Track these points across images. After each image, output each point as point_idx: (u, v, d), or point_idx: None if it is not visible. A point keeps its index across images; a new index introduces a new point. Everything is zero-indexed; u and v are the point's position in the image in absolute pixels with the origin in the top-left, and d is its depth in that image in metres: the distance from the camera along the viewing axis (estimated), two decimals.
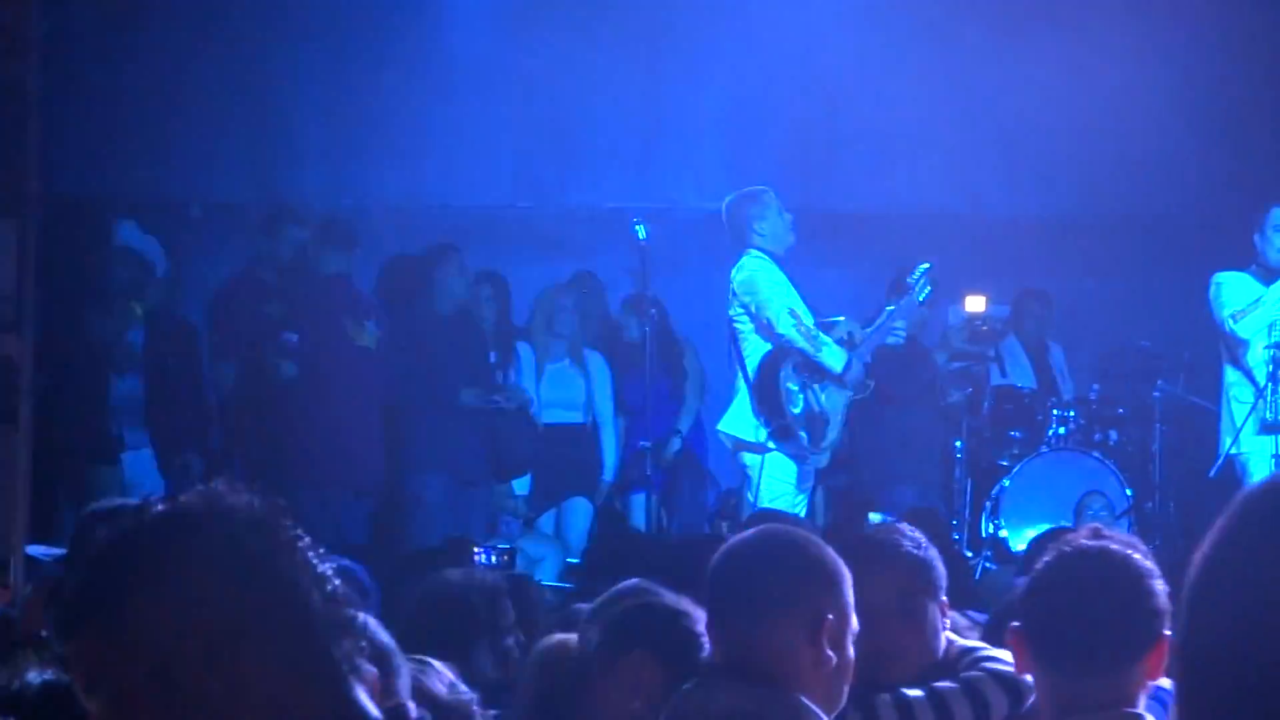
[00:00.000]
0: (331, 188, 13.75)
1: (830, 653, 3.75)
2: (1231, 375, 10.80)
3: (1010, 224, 13.83)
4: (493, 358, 11.96)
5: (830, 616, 3.78)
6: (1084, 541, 3.75)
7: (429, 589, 5.94)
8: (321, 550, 2.25)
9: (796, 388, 10.46)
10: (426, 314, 11.68)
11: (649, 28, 14.22)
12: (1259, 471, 10.35)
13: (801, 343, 10.40)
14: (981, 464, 12.58)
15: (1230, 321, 10.56)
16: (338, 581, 2.25)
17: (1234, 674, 1.70)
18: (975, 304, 12.57)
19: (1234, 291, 10.58)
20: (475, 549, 9.25)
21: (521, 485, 12.14)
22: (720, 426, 10.83)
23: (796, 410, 10.44)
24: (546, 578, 10.85)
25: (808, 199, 13.82)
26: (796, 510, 10.30)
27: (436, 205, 14.03)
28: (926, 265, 10.98)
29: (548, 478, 12.19)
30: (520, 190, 14.55)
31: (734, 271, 10.57)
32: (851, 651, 3.81)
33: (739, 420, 10.59)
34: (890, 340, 10.96)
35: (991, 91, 13.68)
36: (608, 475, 12.30)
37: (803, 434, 10.44)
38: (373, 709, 2.27)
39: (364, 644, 2.28)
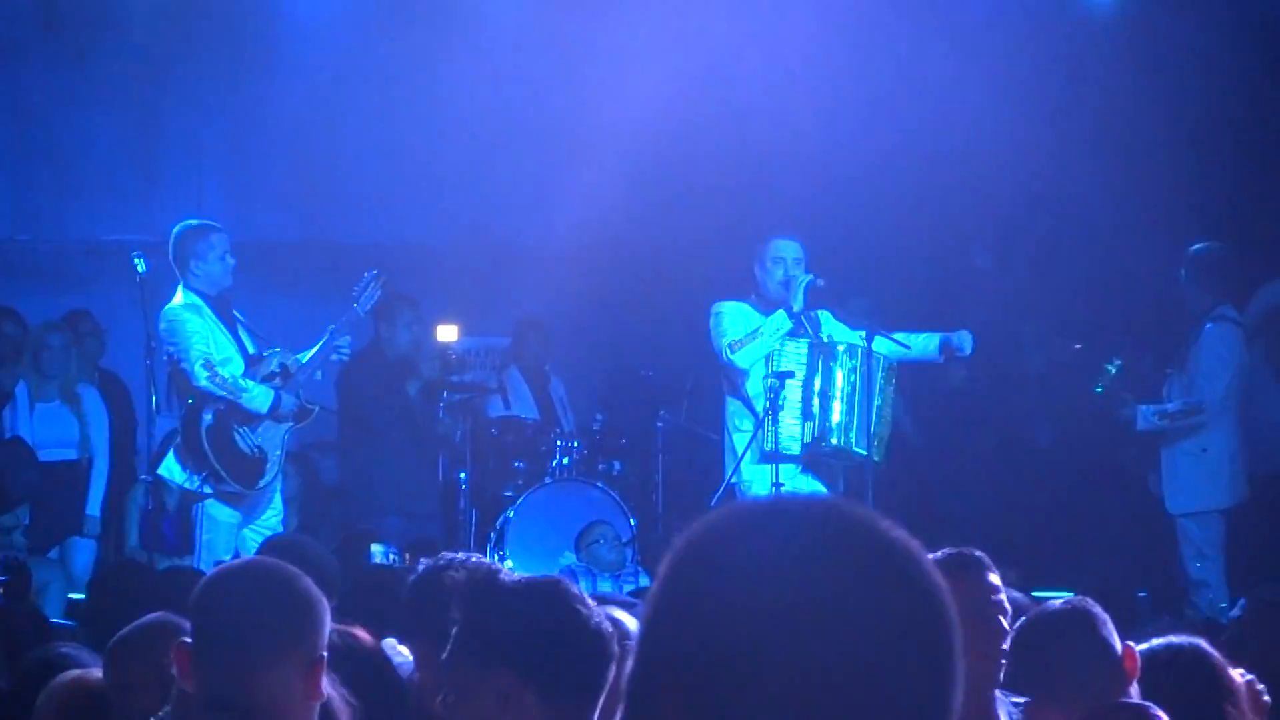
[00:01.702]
0: None
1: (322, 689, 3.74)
2: (732, 405, 10.95)
3: (507, 253, 13.97)
4: None
5: (323, 654, 3.74)
6: None
7: None
8: None
9: (227, 433, 10.64)
10: None
11: (147, 52, 14.02)
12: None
13: (219, 392, 10.59)
14: (486, 495, 12.57)
15: (729, 351, 10.72)
16: None
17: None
18: (447, 333, 12.58)
19: (734, 321, 10.73)
20: None
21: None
22: (160, 473, 10.91)
23: (233, 452, 10.62)
24: (52, 606, 10.62)
25: (308, 231, 13.82)
26: (251, 542, 10.53)
27: None
28: (374, 272, 11.08)
29: (46, 515, 11.95)
30: (20, 223, 14.20)
31: (162, 313, 10.67)
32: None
33: (172, 468, 10.80)
34: (335, 358, 10.99)
35: (491, 124, 13.87)
36: (94, 510, 12.02)
37: (230, 478, 10.62)
38: None
39: None
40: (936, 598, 1.81)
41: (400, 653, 5.52)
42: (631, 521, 12.36)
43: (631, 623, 4.45)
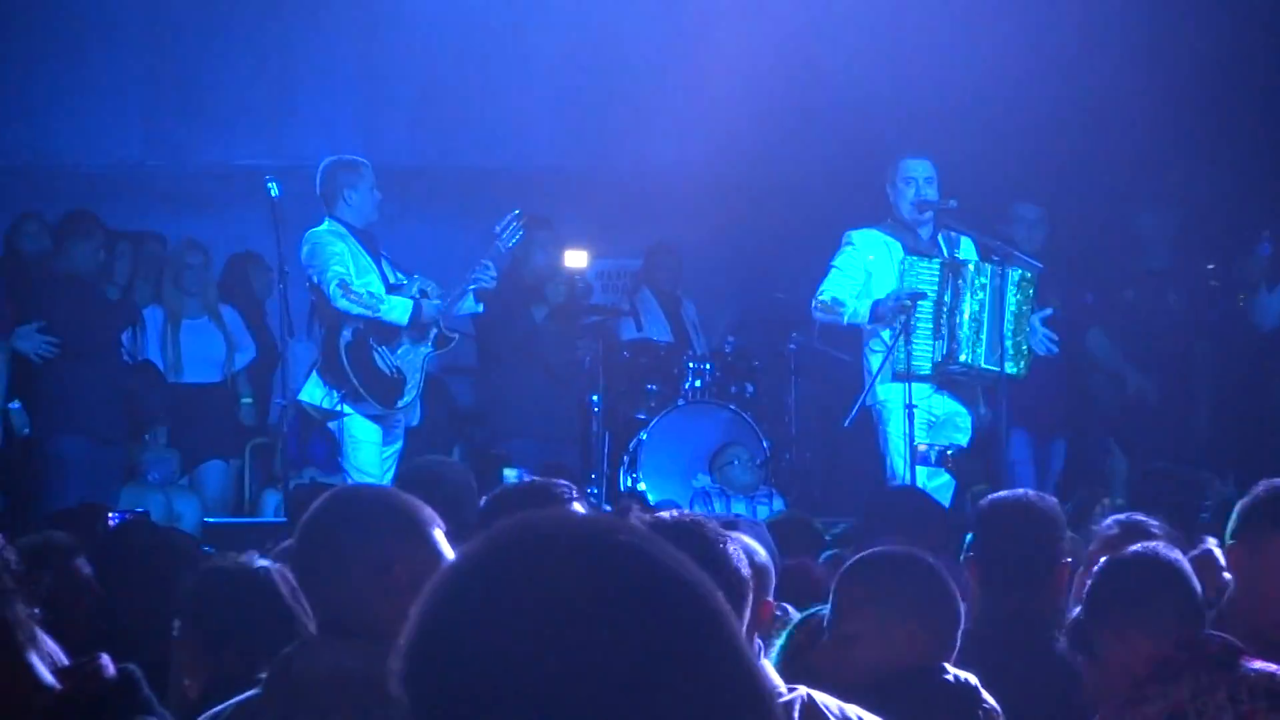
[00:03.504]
0: None
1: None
2: (867, 326, 10.92)
3: (639, 178, 13.92)
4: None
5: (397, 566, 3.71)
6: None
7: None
8: None
9: (366, 351, 10.68)
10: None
11: None
12: (894, 419, 10.51)
13: (357, 309, 10.62)
14: (619, 418, 12.54)
15: (814, 307, 10.73)
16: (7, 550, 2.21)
17: None
18: (575, 259, 12.51)
19: (847, 266, 10.70)
20: (110, 513, 9.11)
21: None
22: (300, 397, 10.95)
23: (372, 371, 10.67)
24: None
25: (441, 155, 13.83)
26: (386, 467, 10.64)
27: (68, 166, 13.74)
28: (516, 212, 11.06)
29: (184, 438, 12.12)
30: (151, 149, 14.29)
31: (305, 236, 10.75)
32: None
33: (312, 389, 10.83)
34: (474, 287, 10.92)
35: (623, 48, 13.81)
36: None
37: (370, 396, 10.66)
38: (47, 676, 2.23)
39: (38, 611, 2.23)
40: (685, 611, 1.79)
41: None
42: (765, 444, 12.34)
43: (762, 551, 4.41)
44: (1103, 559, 4.84)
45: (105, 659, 2.45)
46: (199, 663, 4.39)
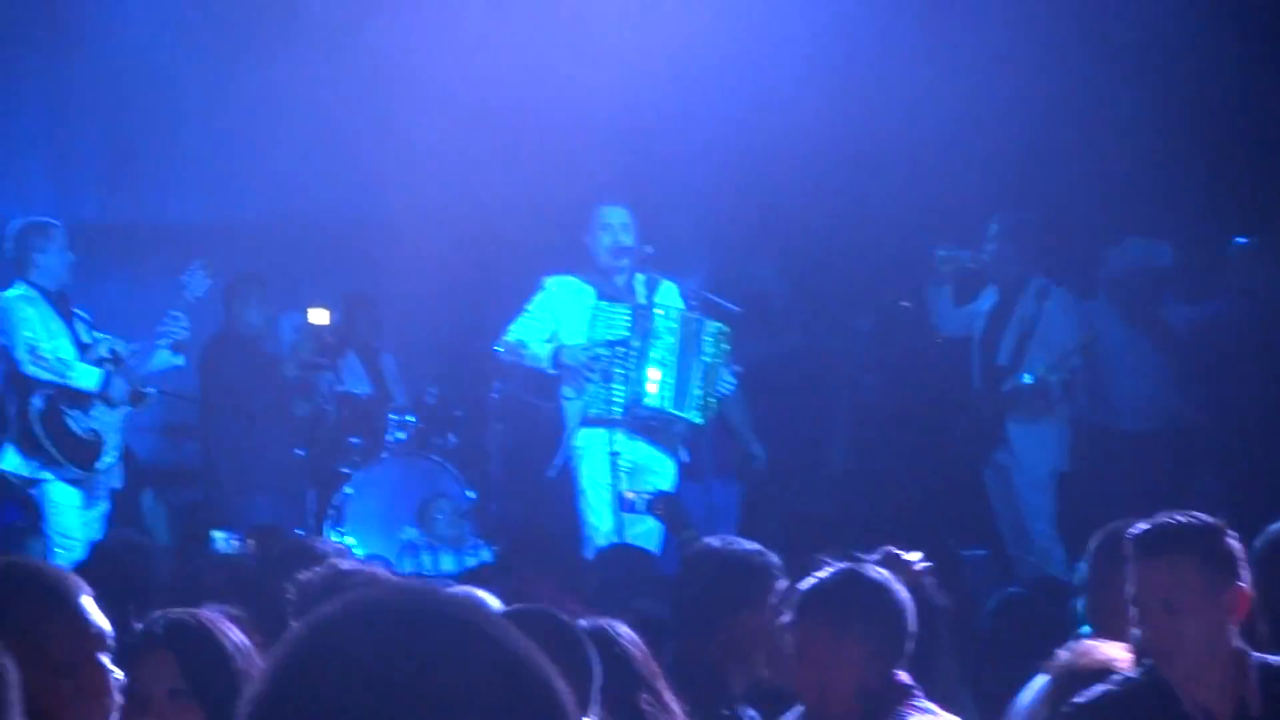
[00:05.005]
0: None
1: None
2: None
3: (335, 227, 13.88)
4: None
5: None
6: None
7: None
8: None
9: (58, 416, 10.64)
10: None
11: None
12: (590, 466, 10.62)
13: (46, 375, 10.59)
14: (323, 472, 12.52)
15: (498, 348, 10.90)
16: None
17: None
18: (318, 316, 12.58)
19: (539, 312, 10.83)
20: None
21: None
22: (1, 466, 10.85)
23: (66, 435, 10.61)
24: None
25: (135, 212, 13.67)
26: (88, 529, 10.60)
27: None
28: (199, 261, 11.10)
29: None
30: None
31: None
32: None
33: (10, 457, 10.74)
34: (162, 342, 10.86)
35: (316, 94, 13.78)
36: None
37: (67, 461, 10.62)
38: None
39: None
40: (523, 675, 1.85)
41: None
42: (470, 493, 12.35)
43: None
44: None
45: None
46: None
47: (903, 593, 4.87)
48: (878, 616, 4.82)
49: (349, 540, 11.93)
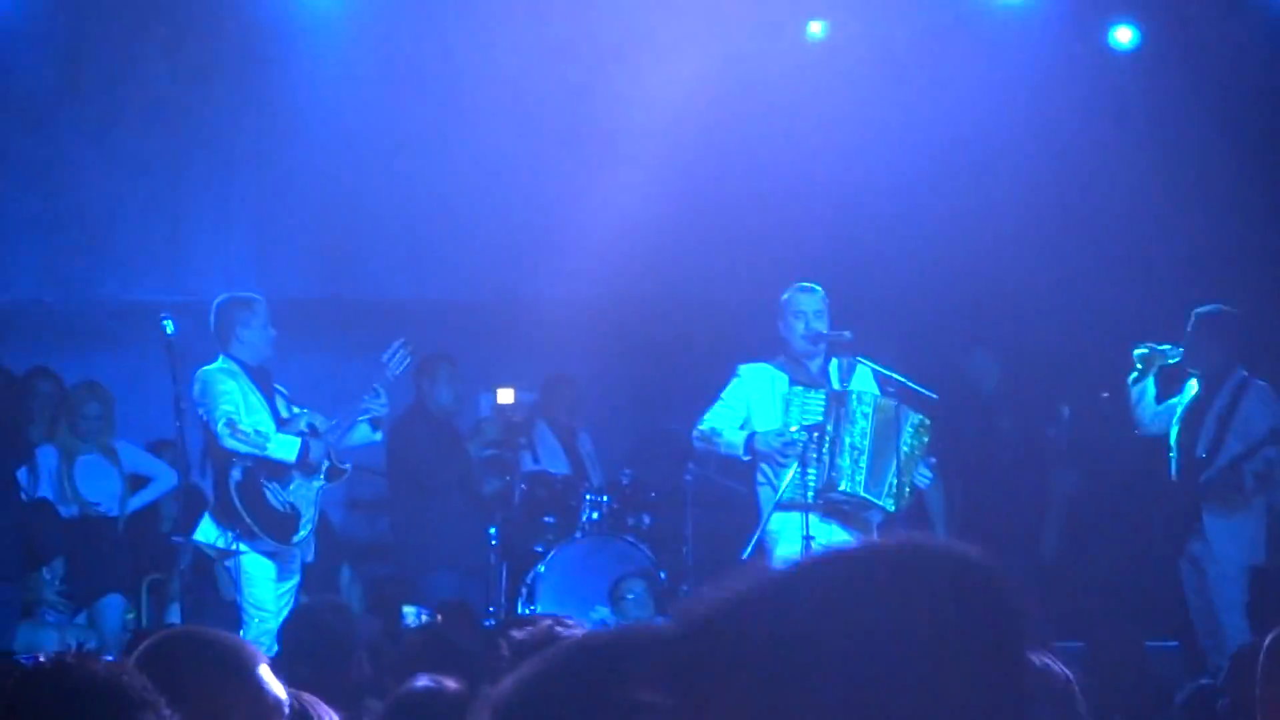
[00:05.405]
0: None
1: None
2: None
3: (533, 309, 14.00)
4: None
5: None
6: None
7: None
8: None
9: (257, 488, 10.72)
10: None
11: (172, 113, 14.09)
12: (785, 549, 10.56)
13: (245, 448, 10.65)
14: (516, 550, 12.57)
15: (693, 436, 10.88)
16: None
17: None
18: (505, 396, 12.74)
19: (732, 400, 10.84)
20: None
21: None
22: (195, 537, 10.95)
23: (264, 508, 10.70)
24: None
25: (336, 288, 13.86)
26: (283, 603, 10.65)
27: None
28: (401, 340, 11.14)
29: (80, 572, 12.03)
30: (47, 285, 14.26)
31: (197, 374, 10.78)
32: None
33: (207, 529, 10.85)
34: (364, 418, 10.99)
35: (518, 178, 13.95)
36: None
37: (264, 533, 10.69)
38: None
39: None
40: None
41: None
42: (662, 574, 12.35)
43: None
44: None
45: None
46: None
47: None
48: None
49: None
